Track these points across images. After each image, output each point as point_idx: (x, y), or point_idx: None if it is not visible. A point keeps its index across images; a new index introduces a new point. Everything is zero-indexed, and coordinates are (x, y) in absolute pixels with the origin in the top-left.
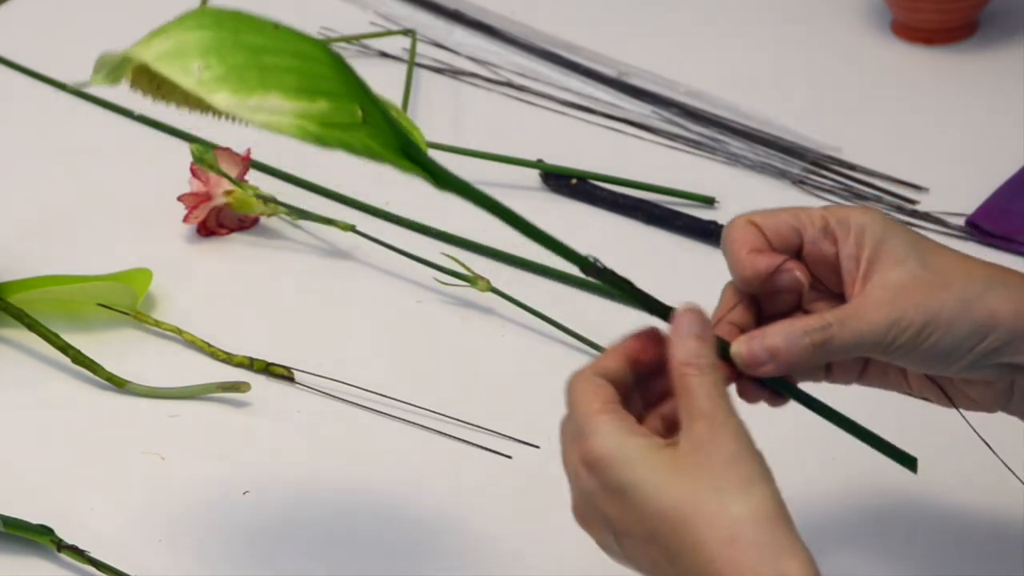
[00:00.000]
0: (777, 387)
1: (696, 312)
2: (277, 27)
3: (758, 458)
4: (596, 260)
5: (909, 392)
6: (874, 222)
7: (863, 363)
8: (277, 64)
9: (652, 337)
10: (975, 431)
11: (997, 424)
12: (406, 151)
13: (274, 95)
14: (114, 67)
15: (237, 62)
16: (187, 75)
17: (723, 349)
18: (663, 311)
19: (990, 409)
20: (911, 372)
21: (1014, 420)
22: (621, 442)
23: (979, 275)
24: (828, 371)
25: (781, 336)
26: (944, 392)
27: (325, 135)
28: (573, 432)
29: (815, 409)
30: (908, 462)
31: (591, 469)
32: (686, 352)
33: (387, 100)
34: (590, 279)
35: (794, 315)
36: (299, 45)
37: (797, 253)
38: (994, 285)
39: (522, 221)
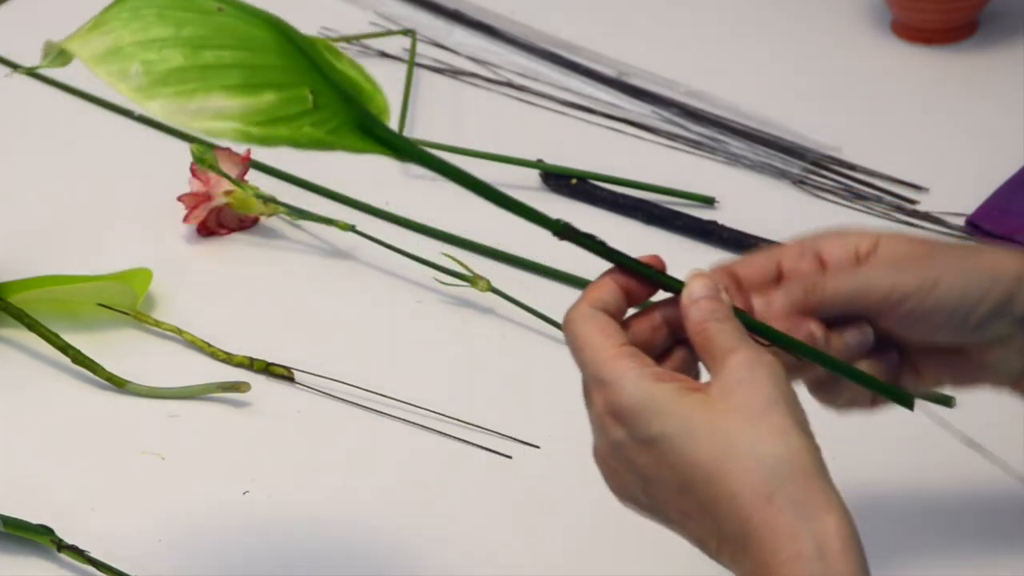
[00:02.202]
0: (761, 332)
1: (705, 276)
2: (221, 9)
3: (793, 402)
4: (567, 224)
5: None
6: (859, 229)
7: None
8: (220, 59)
9: (657, 262)
10: (960, 433)
11: (993, 428)
12: (363, 126)
13: (216, 95)
14: (57, 55)
15: (177, 63)
16: (125, 80)
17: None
18: (644, 272)
19: (1013, 380)
20: (923, 360)
21: (1007, 422)
22: (649, 391)
23: (973, 244)
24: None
25: (778, 293)
26: (959, 375)
27: (269, 135)
28: (592, 378)
29: (802, 353)
30: (905, 401)
31: (619, 419)
32: (700, 313)
33: (349, 61)
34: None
35: None
36: (245, 29)
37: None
38: (990, 248)
39: (490, 189)
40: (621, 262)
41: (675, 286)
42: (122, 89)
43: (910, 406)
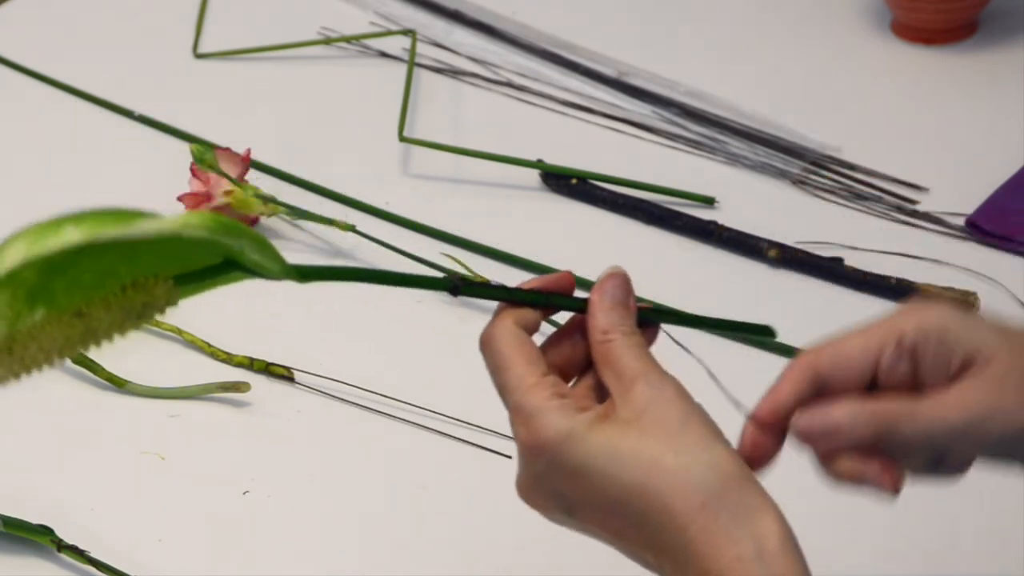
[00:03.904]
0: (651, 318)
1: (620, 276)
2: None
3: (705, 416)
4: (458, 277)
5: None
6: (955, 321)
7: None
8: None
9: (563, 283)
10: None
11: None
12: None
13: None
14: None
15: None
16: None
17: (643, 315)
18: (555, 303)
19: None
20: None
21: None
22: (568, 422)
23: None
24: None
25: (846, 413)
26: None
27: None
28: (513, 405)
29: (684, 322)
30: (766, 332)
31: (539, 452)
32: (608, 321)
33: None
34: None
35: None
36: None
37: (871, 381)
38: None
39: (385, 274)
40: (526, 301)
41: (584, 310)
42: None
43: (772, 335)
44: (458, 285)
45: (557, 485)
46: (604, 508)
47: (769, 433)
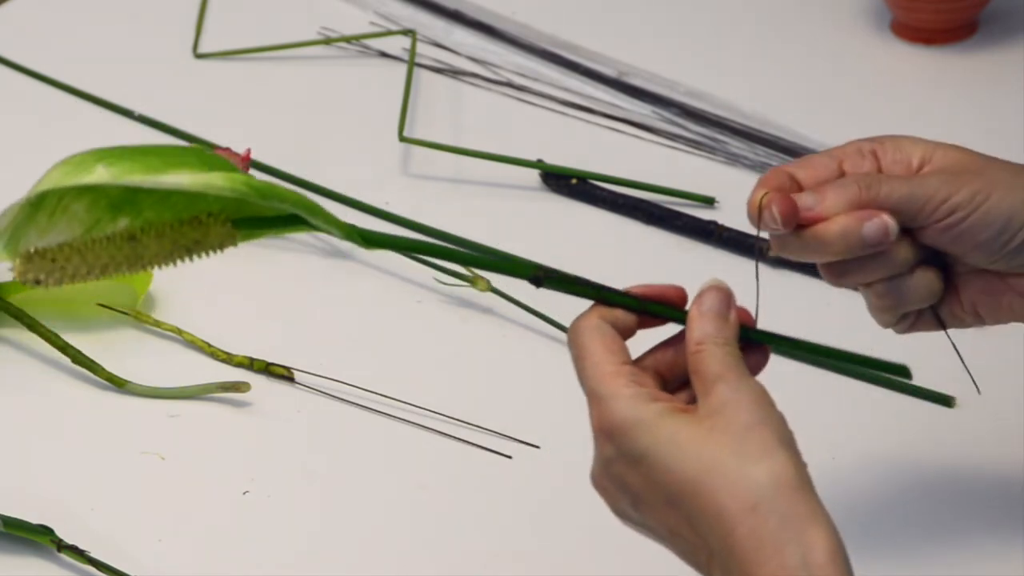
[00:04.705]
0: (760, 339)
1: (721, 290)
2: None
3: (780, 423)
4: (540, 267)
5: (961, 319)
6: (909, 137)
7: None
8: None
9: (670, 293)
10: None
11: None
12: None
13: None
14: None
15: None
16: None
17: (744, 333)
18: (648, 309)
19: None
20: (963, 284)
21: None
22: (638, 409)
23: None
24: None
25: (829, 186)
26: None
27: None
28: (590, 391)
29: (794, 350)
30: (901, 372)
31: (609, 436)
32: (702, 332)
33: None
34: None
35: None
36: None
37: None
38: None
39: None
40: (616, 302)
41: (682, 320)
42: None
43: (908, 376)
44: (542, 276)
45: (623, 473)
46: (662, 502)
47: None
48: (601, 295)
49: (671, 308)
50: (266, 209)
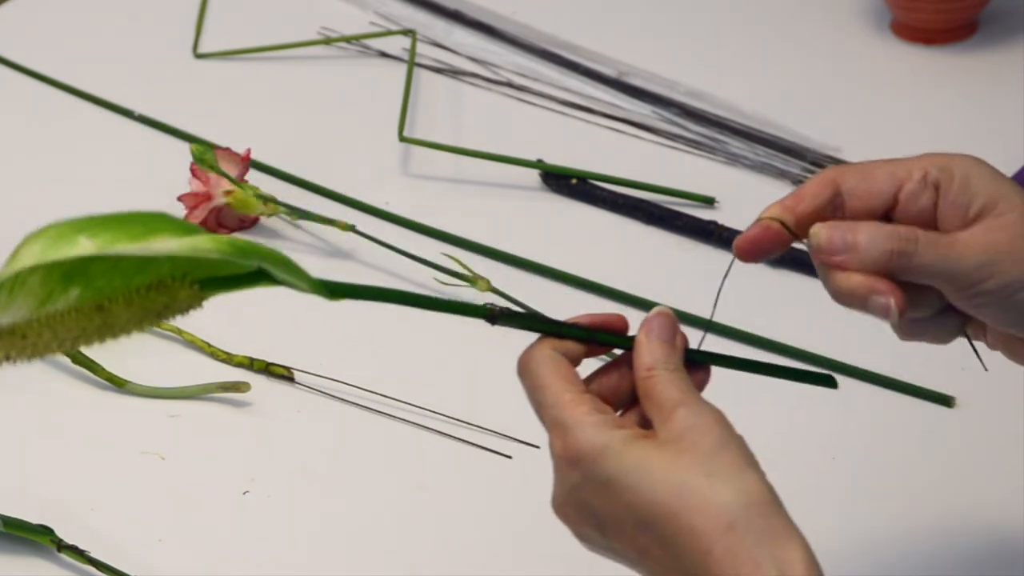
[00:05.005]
0: (701, 359)
1: (667, 316)
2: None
3: (742, 444)
4: (494, 307)
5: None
6: (981, 170)
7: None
8: None
9: (613, 321)
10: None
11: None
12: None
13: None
14: None
15: None
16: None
17: (690, 355)
18: (595, 338)
19: None
20: (988, 330)
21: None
22: (604, 435)
23: None
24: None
25: (866, 233)
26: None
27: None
28: (551, 421)
29: (743, 369)
30: (827, 381)
31: (574, 463)
32: (652, 358)
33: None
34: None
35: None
36: None
37: (891, 208)
38: None
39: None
40: (568, 335)
41: (629, 347)
42: None
43: (833, 385)
44: (496, 315)
45: (589, 498)
46: (632, 525)
47: (774, 236)
48: (554, 329)
49: (617, 336)
50: (230, 267)
